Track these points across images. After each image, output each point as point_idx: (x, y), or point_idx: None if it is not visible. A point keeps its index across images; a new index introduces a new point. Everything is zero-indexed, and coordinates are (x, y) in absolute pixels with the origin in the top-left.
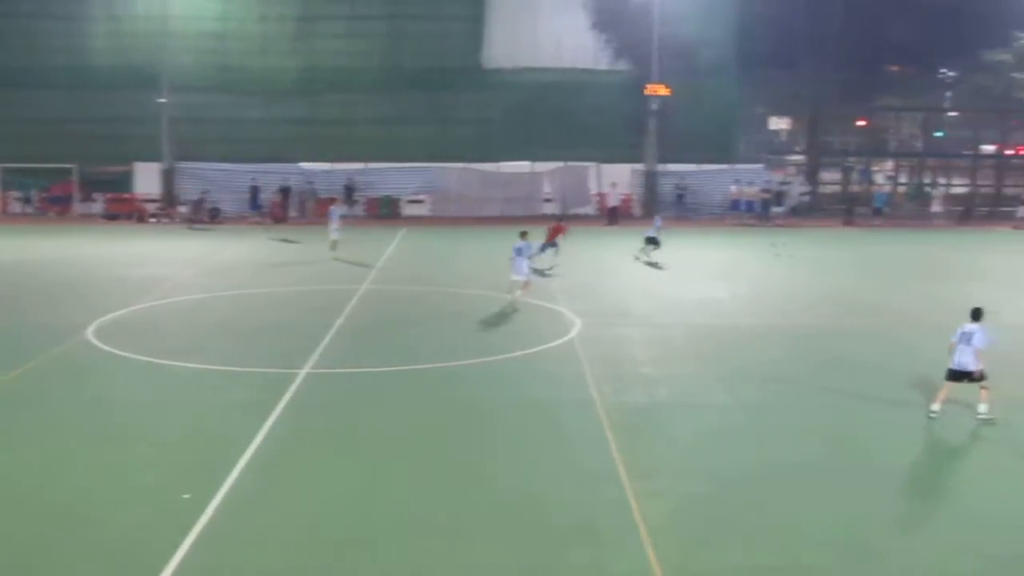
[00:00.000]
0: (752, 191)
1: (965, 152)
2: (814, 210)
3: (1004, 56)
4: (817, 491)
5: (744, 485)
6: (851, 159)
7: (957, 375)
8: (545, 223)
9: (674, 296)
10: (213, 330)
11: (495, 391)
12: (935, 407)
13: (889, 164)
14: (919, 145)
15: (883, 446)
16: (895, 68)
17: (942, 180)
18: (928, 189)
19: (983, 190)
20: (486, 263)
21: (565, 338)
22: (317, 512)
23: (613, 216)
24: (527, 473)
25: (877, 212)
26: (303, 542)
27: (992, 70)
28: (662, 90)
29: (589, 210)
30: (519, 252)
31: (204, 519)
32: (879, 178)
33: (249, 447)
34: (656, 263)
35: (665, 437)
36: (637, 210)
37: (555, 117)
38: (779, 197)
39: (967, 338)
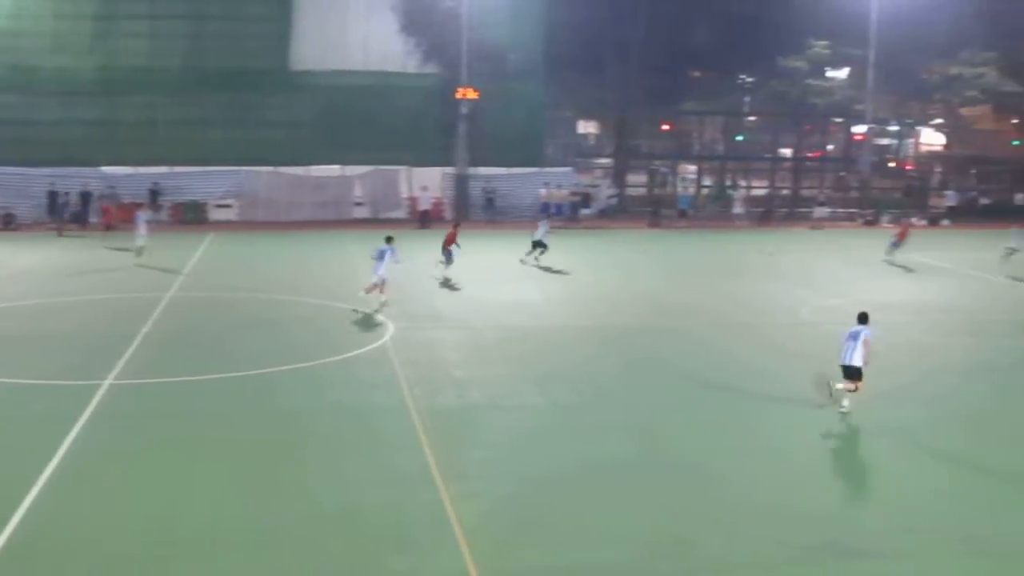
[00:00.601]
0: (561, 194)
1: (764, 155)
2: (621, 212)
3: (799, 63)
4: (629, 488)
5: (558, 484)
6: (657, 162)
7: (846, 370)
8: (356, 227)
9: (486, 298)
10: (9, 342)
11: (308, 398)
12: (845, 403)
13: (693, 167)
14: (721, 148)
15: (691, 442)
16: (698, 74)
17: (743, 182)
18: (730, 191)
19: (782, 192)
20: (298, 268)
21: (379, 342)
22: (119, 528)
23: (424, 219)
24: (341, 480)
25: (682, 214)
26: (101, 562)
27: (788, 76)
28: (471, 93)
29: (400, 214)
30: (381, 255)
31: (1, 539)
32: (684, 181)
33: (49, 462)
34: (548, 266)
35: (478, 439)
36: (448, 213)
37: (365, 120)
38: (587, 199)
39: (854, 336)
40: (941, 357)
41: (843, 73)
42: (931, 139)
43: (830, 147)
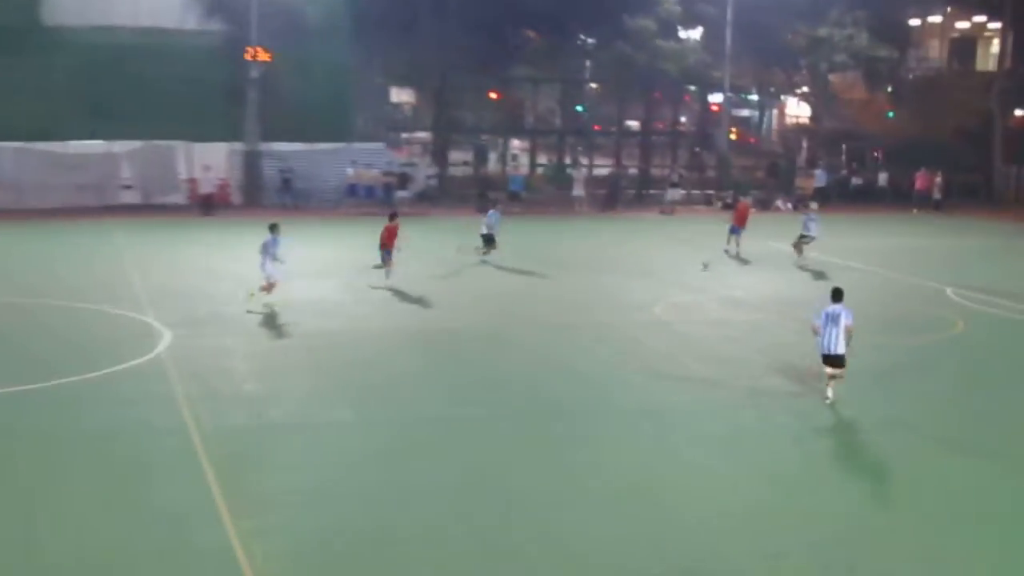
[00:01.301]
0: (372, 174)
1: (608, 129)
2: (443, 195)
3: (647, 22)
4: (453, 512)
5: (371, 513)
6: (484, 137)
7: (830, 359)
8: (124, 215)
9: (290, 299)
10: None
11: (65, 420)
12: (829, 393)
13: (526, 143)
14: (558, 121)
15: (520, 473)
16: (531, 34)
17: (584, 160)
18: (569, 170)
19: (629, 171)
20: (48, 265)
21: (152, 353)
22: None
23: (207, 206)
24: (105, 519)
25: (514, 197)
26: None
27: (635, 38)
28: (262, 55)
29: (178, 198)
30: (265, 248)
31: None
32: (515, 159)
33: None
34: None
35: (275, 464)
36: (237, 198)
37: (134, 87)
38: (403, 181)
39: (834, 319)
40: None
41: (697, 34)
42: (797, 111)
43: (683, 120)
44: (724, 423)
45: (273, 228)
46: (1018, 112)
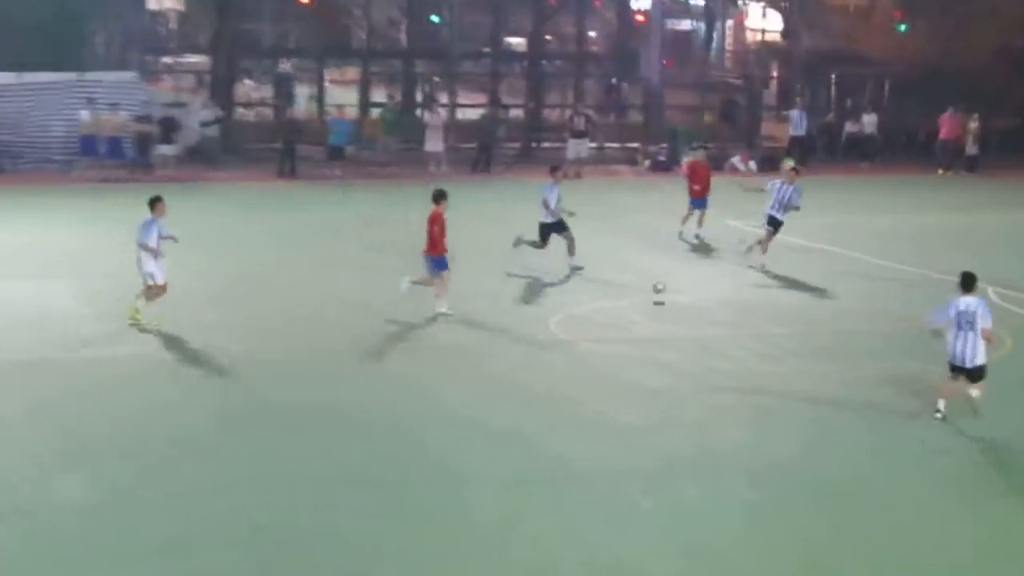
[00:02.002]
0: (118, 121)
1: (480, 51)
2: (230, 152)
3: None
4: None
5: None
6: (290, 63)
7: (964, 371)
8: None
9: None
10: None
11: None
12: (940, 405)
13: (354, 72)
14: (403, 39)
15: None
16: None
17: (443, 98)
18: (421, 114)
19: (511, 114)
20: None
21: None
22: None
23: None
24: None
25: (335, 154)
26: None
27: None
28: None
29: None
30: (147, 229)
31: None
32: (340, 96)
33: None
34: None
35: None
36: None
37: None
38: (167, 130)
39: (970, 319)
40: (795, 395)
41: None
42: (762, 23)
43: (593, 36)
44: (657, 505)
45: (155, 204)
46: None
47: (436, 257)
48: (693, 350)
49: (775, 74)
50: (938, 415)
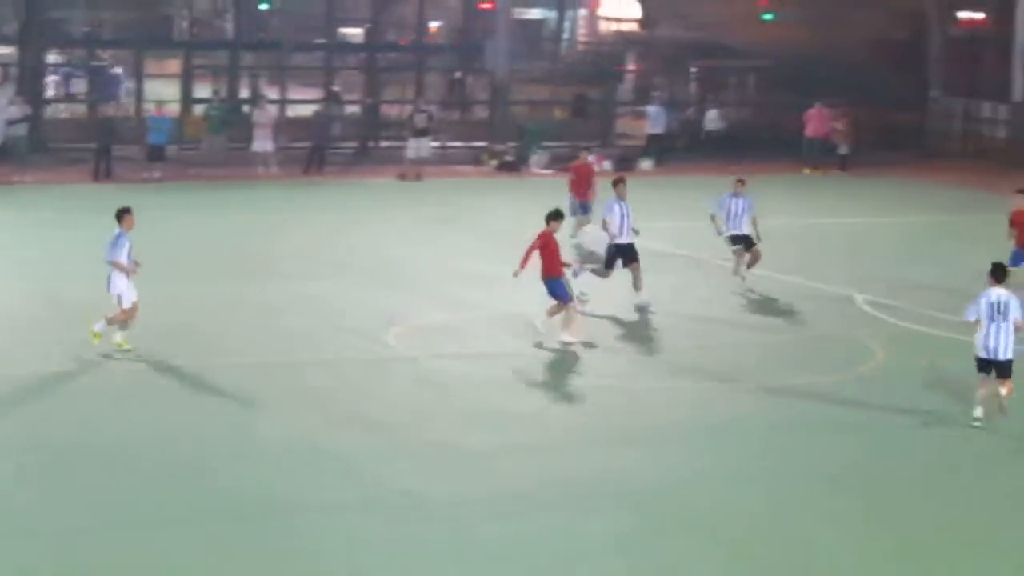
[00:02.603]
0: None
1: (313, 41)
2: (38, 150)
3: None
4: None
5: None
6: (104, 55)
7: (992, 365)
8: None
9: None
10: None
11: None
12: (978, 412)
13: (175, 63)
14: (229, 29)
15: None
16: None
17: (271, 92)
18: (248, 110)
19: (346, 110)
20: None
21: None
22: None
23: None
24: None
25: (156, 155)
26: None
27: None
28: None
29: None
30: (116, 244)
31: None
32: (161, 91)
33: None
34: None
35: None
36: None
37: None
38: None
39: (1002, 310)
40: (663, 413)
41: None
42: (618, 11)
43: (435, 26)
44: (502, 534)
45: (123, 216)
46: (964, 15)
47: (556, 279)
48: (540, 366)
49: (632, 67)
50: (976, 423)
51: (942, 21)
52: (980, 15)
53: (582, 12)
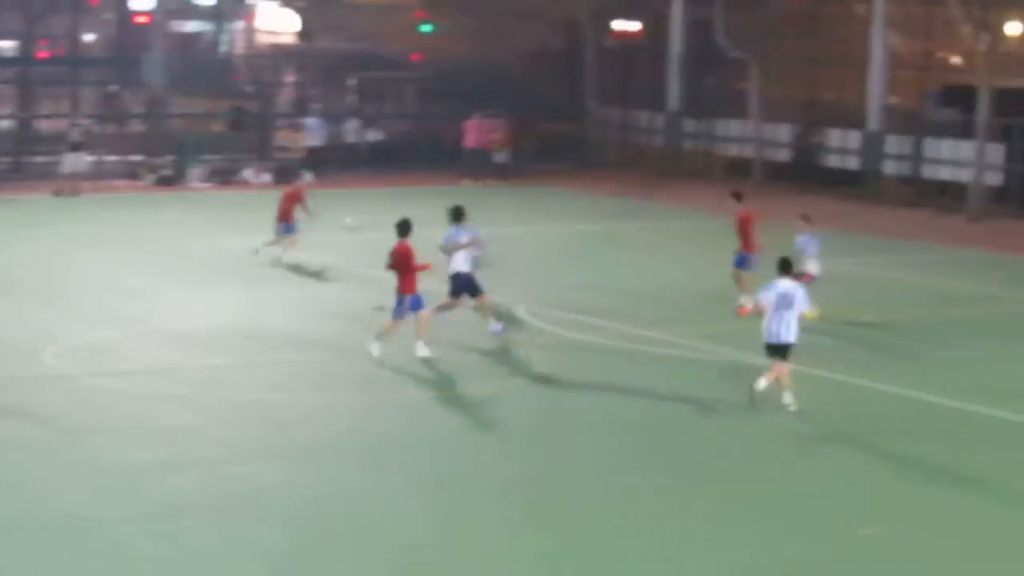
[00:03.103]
0: None
1: None
2: None
3: None
4: None
5: None
6: None
7: (777, 349)
8: None
9: None
10: None
11: None
12: (761, 383)
13: None
14: None
15: None
16: None
17: None
18: None
19: (2, 123)
20: None
21: None
22: None
23: None
24: None
25: None
26: None
27: None
28: None
29: None
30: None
31: None
32: None
33: None
34: None
35: None
36: None
37: None
38: None
39: (787, 301)
40: (314, 429)
41: None
42: (277, 23)
43: (90, 39)
44: (162, 551)
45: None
46: (618, 26)
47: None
48: (203, 382)
49: (292, 78)
50: (791, 408)
51: (597, 31)
52: (635, 25)
53: (240, 25)
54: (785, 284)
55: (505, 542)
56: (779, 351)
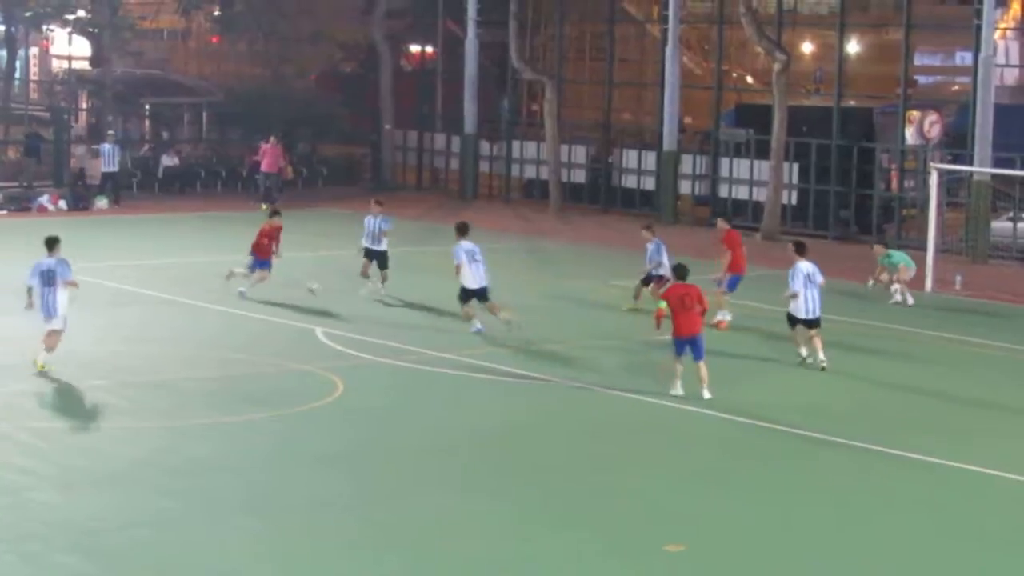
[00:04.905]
0: None
1: None
2: None
3: None
4: None
5: None
6: None
7: (810, 323)
8: None
9: None
10: None
11: None
12: (803, 351)
13: None
14: None
15: None
16: None
17: None
18: None
19: None
20: None
21: None
22: None
23: None
24: None
25: None
26: None
27: None
28: None
29: None
30: (48, 276)
31: None
32: None
33: None
34: None
35: None
36: None
37: None
38: None
39: (813, 280)
40: (119, 455)
41: None
42: (71, 49)
43: None
44: None
45: (52, 245)
46: (415, 48)
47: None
48: (2, 408)
49: (86, 104)
50: (824, 365)
51: (393, 55)
52: (430, 48)
53: (33, 51)
54: (806, 266)
55: (324, 564)
56: (813, 323)
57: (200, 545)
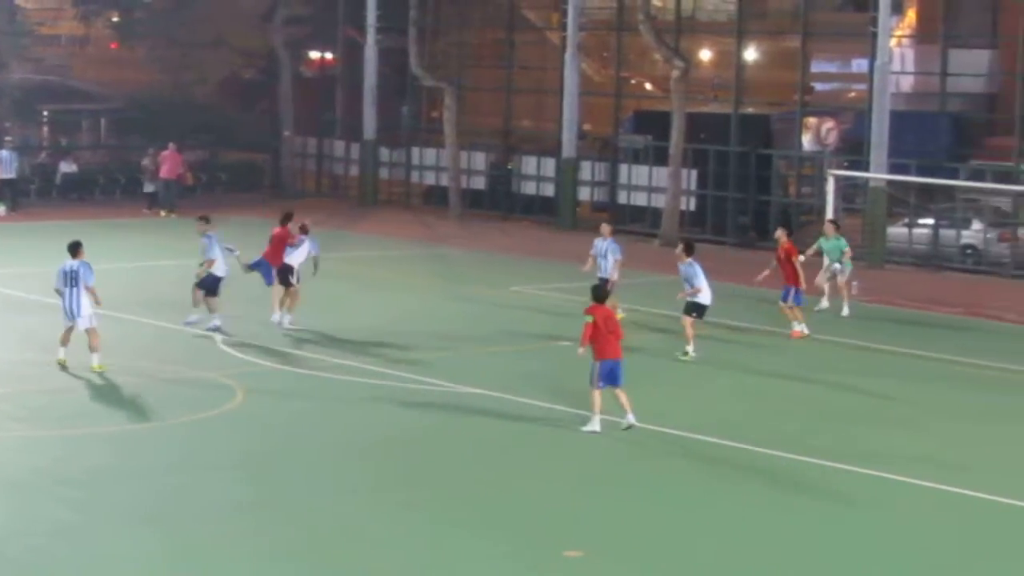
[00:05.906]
0: None
1: None
2: None
3: None
4: None
5: None
6: None
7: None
8: None
9: None
10: None
11: None
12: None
13: None
14: None
15: None
16: None
17: None
18: None
19: None
20: None
21: None
22: None
23: None
24: None
25: None
26: None
27: None
28: None
29: None
30: (73, 278)
31: None
32: None
33: None
34: None
35: None
36: None
37: None
38: None
39: (693, 275)
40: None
41: None
42: None
43: None
44: None
45: (75, 249)
46: (315, 55)
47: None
48: None
49: None
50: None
51: (293, 61)
52: (330, 55)
53: None
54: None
55: (225, 574)
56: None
57: (97, 555)
